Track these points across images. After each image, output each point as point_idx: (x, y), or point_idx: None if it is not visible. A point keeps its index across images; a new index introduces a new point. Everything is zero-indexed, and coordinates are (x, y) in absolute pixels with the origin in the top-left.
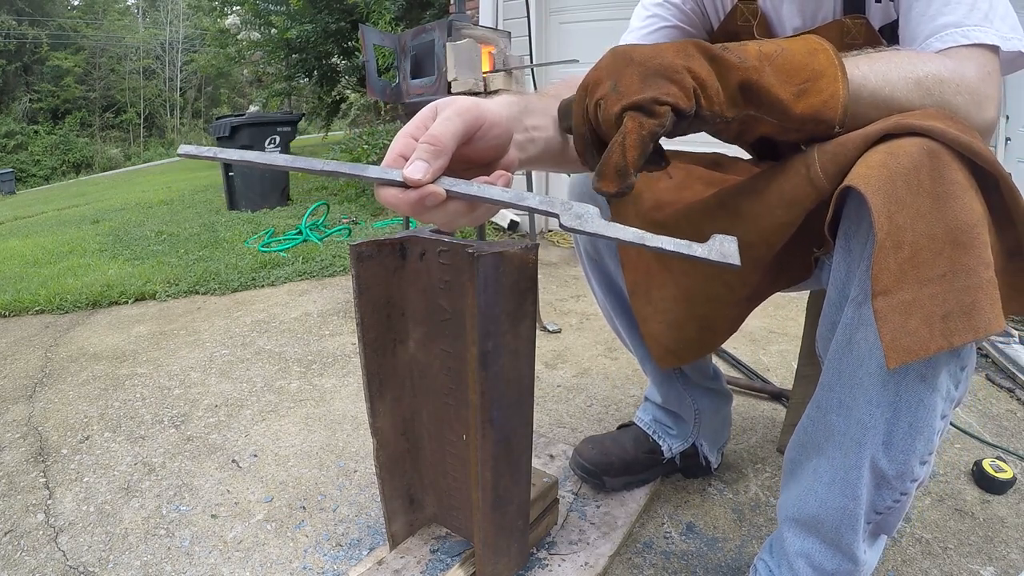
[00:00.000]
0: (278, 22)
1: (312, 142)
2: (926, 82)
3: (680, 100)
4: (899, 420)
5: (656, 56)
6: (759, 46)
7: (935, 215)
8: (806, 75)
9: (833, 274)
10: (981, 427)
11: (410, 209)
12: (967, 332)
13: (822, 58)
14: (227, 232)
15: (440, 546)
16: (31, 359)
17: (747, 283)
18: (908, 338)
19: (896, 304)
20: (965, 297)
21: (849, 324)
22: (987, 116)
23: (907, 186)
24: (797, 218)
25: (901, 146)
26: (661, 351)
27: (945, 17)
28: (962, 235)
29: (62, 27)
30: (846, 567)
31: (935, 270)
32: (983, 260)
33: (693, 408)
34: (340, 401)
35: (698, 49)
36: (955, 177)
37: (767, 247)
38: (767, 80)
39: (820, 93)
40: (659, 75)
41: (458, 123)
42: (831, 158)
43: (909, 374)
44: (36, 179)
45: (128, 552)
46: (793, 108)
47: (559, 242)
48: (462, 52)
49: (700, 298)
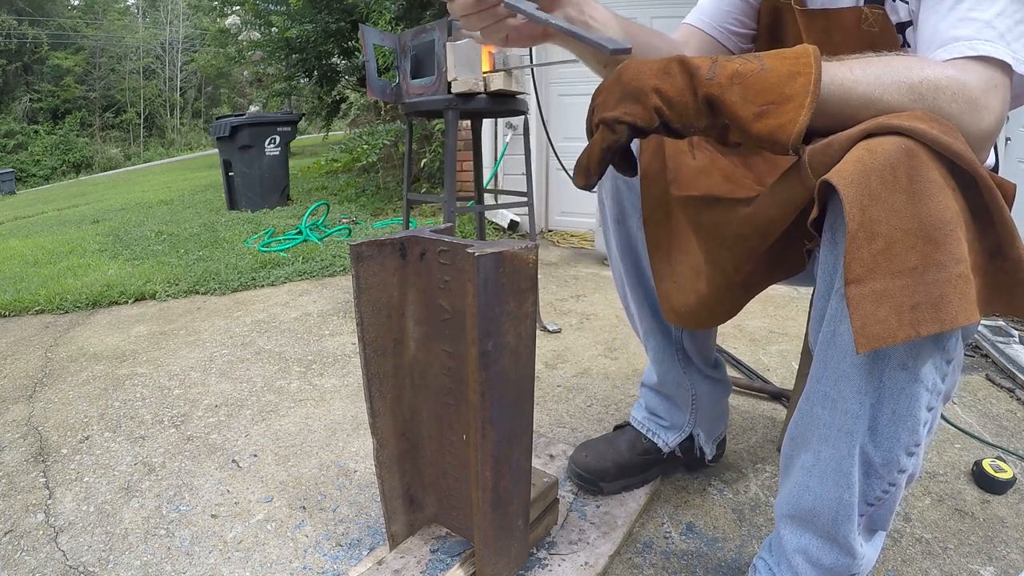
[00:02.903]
0: (278, 22)
1: (312, 142)
2: (920, 87)
3: (639, 119)
4: (883, 408)
5: (635, 79)
6: (742, 63)
7: (909, 211)
8: (772, 97)
9: (820, 267)
10: (981, 427)
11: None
12: (933, 323)
13: (799, 83)
14: (227, 232)
15: (440, 546)
16: (31, 359)
17: (740, 270)
18: (877, 325)
19: (868, 292)
20: (934, 290)
21: (834, 316)
22: (983, 127)
23: (882, 181)
24: (790, 214)
25: (880, 144)
26: (668, 307)
27: (957, 31)
28: (935, 231)
29: (62, 27)
30: (844, 561)
31: (907, 263)
32: (954, 256)
33: (691, 393)
34: (340, 401)
35: (680, 66)
36: (931, 176)
37: (760, 239)
38: (729, 97)
39: (779, 117)
40: (628, 97)
41: None
42: (820, 158)
43: (891, 363)
44: (36, 179)
45: (128, 552)
46: (751, 127)
47: (559, 242)
48: (462, 52)
49: (702, 277)
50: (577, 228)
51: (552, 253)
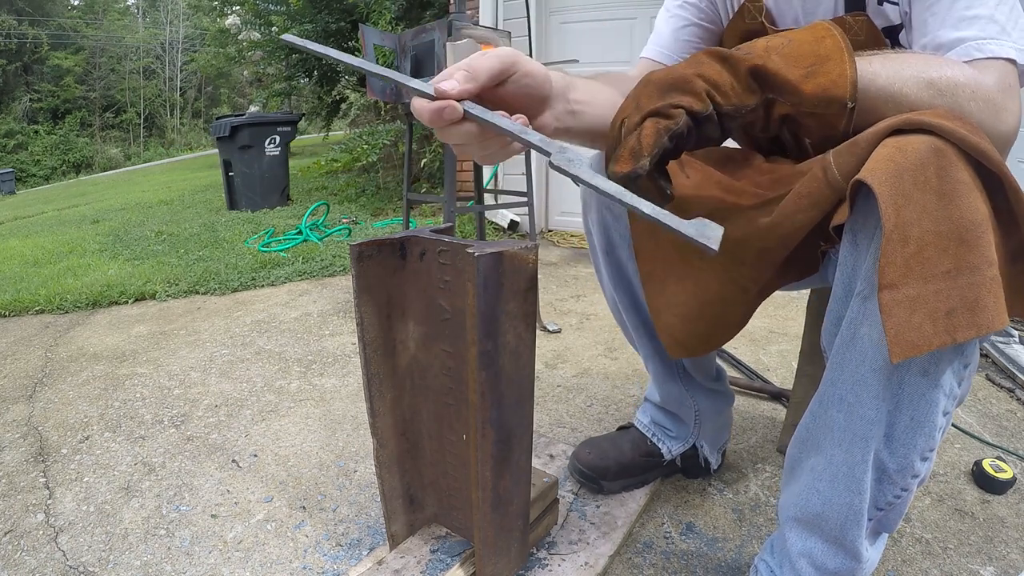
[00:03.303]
0: (278, 22)
1: (312, 142)
2: (939, 83)
3: (693, 103)
4: (901, 414)
5: (670, 73)
6: (767, 41)
7: (941, 212)
8: (812, 59)
9: (840, 268)
10: (981, 427)
11: (429, 116)
12: (970, 328)
13: (828, 43)
14: (227, 232)
15: (440, 546)
16: (31, 359)
17: (759, 280)
18: (912, 332)
19: (901, 298)
20: (969, 294)
21: (854, 319)
22: (1004, 127)
23: (914, 182)
24: (815, 219)
25: (909, 142)
26: (672, 342)
27: (960, 32)
28: (967, 233)
29: (62, 27)
30: (849, 565)
31: (940, 267)
32: (987, 258)
33: (694, 409)
34: (340, 401)
35: (709, 55)
36: (961, 176)
37: (784, 248)
38: (774, 64)
39: (828, 74)
40: (672, 88)
41: (495, 61)
42: (845, 159)
43: (912, 369)
44: (36, 179)
45: (128, 552)
46: (803, 88)
47: (559, 242)
48: (462, 52)
49: (715, 298)
50: (577, 228)
51: (552, 253)
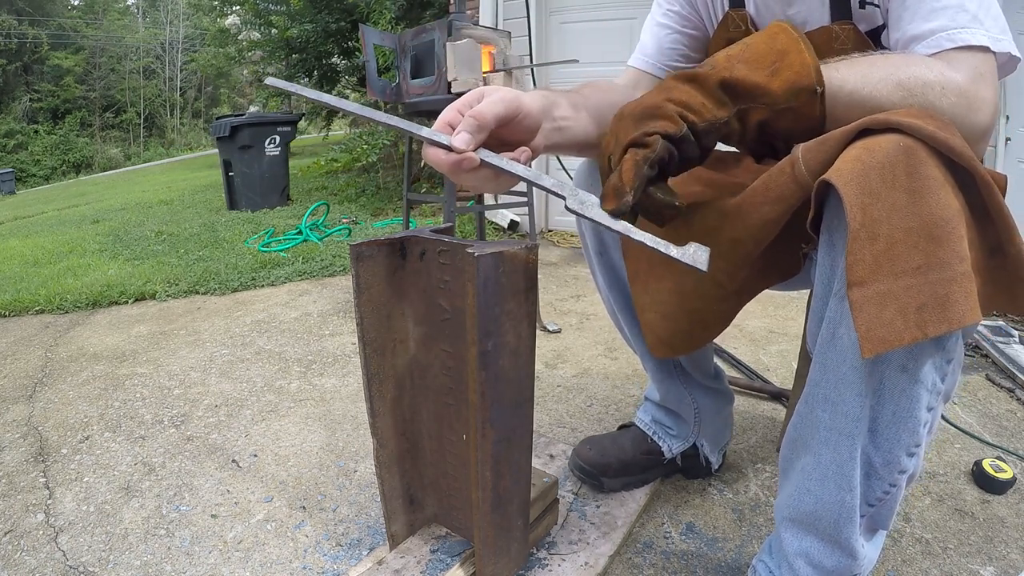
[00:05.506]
0: (278, 22)
1: (312, 142)
2: (908, 83)
3: (667, 127)
4: (883, 410)
5: (640, 103)
6: (727, 52)
7: (910, 209)
8: (772, 57)
9: (818, 269)
10: (981, 427)
11: (449, 168)
12: (941, 323)
13: (782, 38)
14: (227, 232)
15: (440, 546)
16: (31, 359)
17: (735, 278)
18: (883, 328)
19: (871, 295)
20: (939, 289)
21: (832, 318)
22: (979, 119)
23: (882, 180)
24: (783, 215)
25: (877, 142)
26: (655, 340)
27: (931, 23)
28: (937, 229)
29: (62, 27)
30: (845, 563)
31: (910, 263)
32: (958, 254)
33: (693, 407)
34: (340, 401)
35: (676, 79)
36: (930, 173)
37: (754, 243)
38: (740, 72)
39: (791, 66)
40: (644, 116)
41: (500, 107)
42: (814, 155)
43: (891, 365)
44: (36, 179)
45: (128, 552)
46: (772, 86)
47: (559, 242)
48: (462, 52)
49: (692, 294)
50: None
51: (552, 253)
